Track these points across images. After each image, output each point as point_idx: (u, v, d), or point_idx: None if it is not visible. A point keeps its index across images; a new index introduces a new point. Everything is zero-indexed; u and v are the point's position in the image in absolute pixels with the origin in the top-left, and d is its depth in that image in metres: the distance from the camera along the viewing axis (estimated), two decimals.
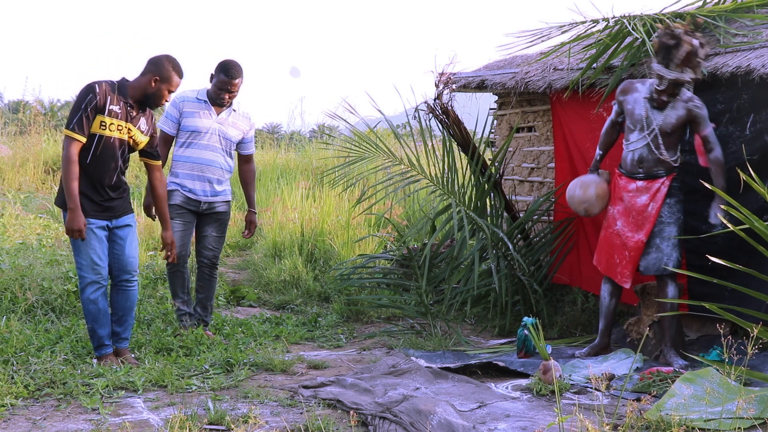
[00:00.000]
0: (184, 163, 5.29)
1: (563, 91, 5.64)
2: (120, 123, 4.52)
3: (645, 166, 4.86)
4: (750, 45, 4.75)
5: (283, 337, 5.50)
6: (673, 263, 4.78)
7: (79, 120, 4.40)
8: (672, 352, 4.79)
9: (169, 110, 5.28)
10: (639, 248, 4.86)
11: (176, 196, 5.26)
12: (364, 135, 6.47)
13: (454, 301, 5.93)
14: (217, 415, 3.63)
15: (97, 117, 4.44)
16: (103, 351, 4.61)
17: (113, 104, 4.48)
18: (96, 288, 4.56)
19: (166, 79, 4.57)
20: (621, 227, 4.95)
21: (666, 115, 4.76)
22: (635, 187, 4.89)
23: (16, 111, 16.46)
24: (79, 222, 4.41)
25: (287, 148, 14.74)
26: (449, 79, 5.94)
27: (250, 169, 5.60)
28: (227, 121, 5.35)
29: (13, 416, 3.69)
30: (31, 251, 6.90)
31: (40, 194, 10.87)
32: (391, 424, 3.54)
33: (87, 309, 4.59)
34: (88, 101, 4.42)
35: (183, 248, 5.33)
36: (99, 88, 4.45)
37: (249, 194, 5.62)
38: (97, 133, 4.46)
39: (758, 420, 3.49)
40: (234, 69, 5.22)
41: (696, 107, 4.72)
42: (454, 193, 5.96)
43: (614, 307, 5.09)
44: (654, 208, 4.81)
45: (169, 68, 4.58)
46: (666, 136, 4.79)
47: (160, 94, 4.59)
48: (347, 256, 7.28)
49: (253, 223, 5.63)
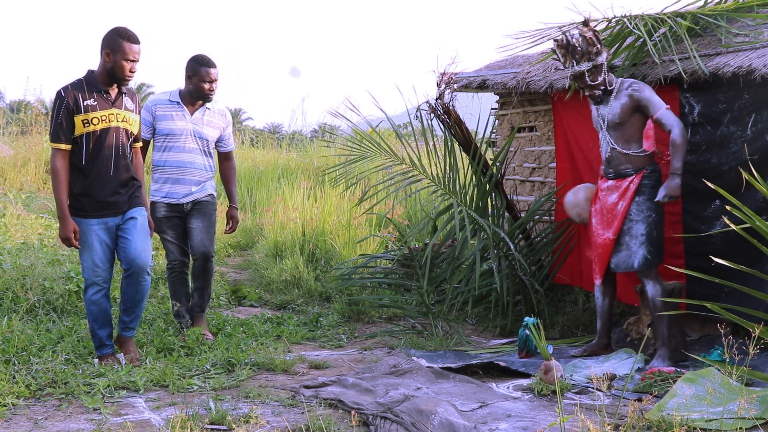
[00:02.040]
0: (163, 167, 5.28)
1: (564, 91, 5.64)
2: (103, 113, 4.49)
3: (613, 164, 4.93)
4: (751, 45, 4.75)
5: (284, 337, 5.50)
6: (638, 261, 4.80)
7: (56, 129, 4.43)
8: (661, 352, 4.75)
9: (142, 115, 5.19)
10: (606, 245, 4.92)
11: (159, 209, 5.27)
12: (365, 134, 6.47)
13: (456, 301, 5.93)
14: (218, 414, 3.63)
15: (76, 118, 4.44)
16: (104, 351, 4.63)
17: (86, 99, 4.46)
18: (97, 290, 4.59)
19: (117, 49, 4.47)
20: (595, 225, 5.05)
21: (611, 107, 4.89)
22: (607, 186, 4.98)
23: (17, 111, 16.47)
24: (68, 230, 4.44)
25: (288, 148, 14.76)
26: (451, 78, 5.94)
27: (231, 166, 5.60)
28: (202, 120, 5.33)
29: (14, 416, 3.69)
30: (32, 251, 6.91)
31: (41, 194, 10.88)
32: (392, 424, 3.54)
33: (88, 309, 4.62)
34: (58, 108, 4.43)
35: (182, 254, 5.36)
36: (65, 92, 4.45)
37: (230, 191, 5.62)
38: (84, 133, 4.46)
39: (760, 420, 3.49)
40: (210, 59, 5.30)
41: (635, 91, 4.81)
42: (455, 193, 5.96)
43: (608, 306, 5.09)
44: (622, 206, 4.86)
45: (116, 38, 4.49)
46: (618, 127, 4.87)
47: (119, 66, 4.48)
48: (348, 256, 7.28)
49: (234, 218, 5.60)
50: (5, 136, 14.13)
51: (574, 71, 4.87)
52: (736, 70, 4.61)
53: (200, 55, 5.32)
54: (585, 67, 4.83)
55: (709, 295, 4.79)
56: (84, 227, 4.52)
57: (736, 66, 4.63)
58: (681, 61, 4.93)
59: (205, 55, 5.34)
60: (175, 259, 5.36)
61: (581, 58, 4.84)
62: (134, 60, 4.53)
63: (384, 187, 6.46)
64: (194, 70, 5.25)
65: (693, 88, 4.94)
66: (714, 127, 4.89)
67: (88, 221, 4.52)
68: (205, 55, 5.34)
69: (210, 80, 5.26)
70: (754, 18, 5.04)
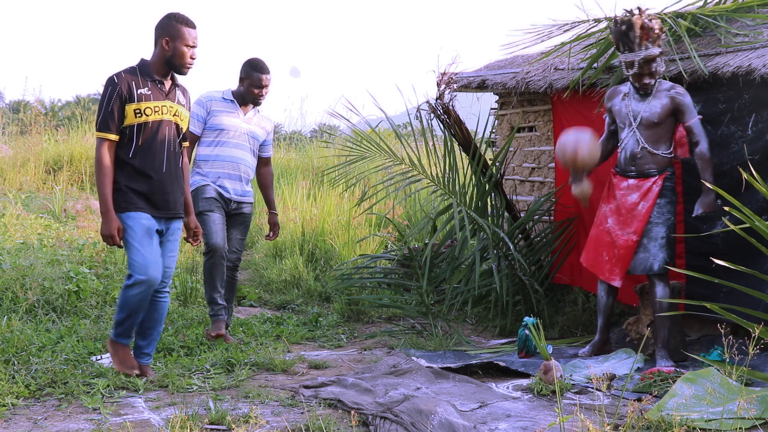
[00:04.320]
0: (214, 161, 5.20)
1: (564, 91, 5.64)
2: (156, 104, 4.20)
3: (637, 163, 4.86)
4: (751, 45, 4.75)
5: (284, 337, 5.50)
6: (658, 264, 4.78)
7: (105, 117, 4.11)
8: (662, 353, 4.76)
9: (194, 109, 5.12)
10: (629, 247, 4.85)
11: (209, 190, 5.16)
12: (365, 134, 6.48)
13: (455, 301, 5.93)
14: (218, 414, 3.63)
15: (128, 107, 4.13)
16: (123, 340, 4.28)
17: (140, 88, 4.16)
18: (144, 289, 4.17)
19: (177, 35, 4.19)
20: (611, 225, 4.95)
21: (649, 105, 4.79)
22: (627, 185, 4.90)
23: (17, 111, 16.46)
24: (112, 227, 4.11)
25: (288, 148, 14.75)
26: (451, 79, 5.94)
27: (270, 171, 5.56)
28: (253, 120, 5.34)
29: (14, 416, 3.69)
30: (32, 251, 6.90)
31: (41, 194, 10.87)
32: (392, 424, 3.54)
33: (126, 303, 4.19)
34: (110, 95, 4.12)
35: (224, 240, 5.13)
36: (118, 78, 4.15)
37: (269, 197, 5.58)
38: (135, 123, 4.15)
39: (759, 420, 3.49)
40: (264, 64, 5.27)
41: (679, 94, 4.74)
42: (455, 193, 5.96)
43: (611, 304, 5.09)
44: (645, 207, 4.81)
45: (174, 24, 4.21)
46: (652, 127, 4.80)
47: (179, 54, 4.20)
48: (348, 256, 7.28)
49: (276, 224, 5.58)
50: (5, 136, 14.11)
51: (648, 55, 4.67)
52: (736, 70, 4.61)
53: (255, 59, 5.27)
54: (655, 52, 4.66)
55: (709, 294, 4.79)
56: (133, 222, 4.16)
57: (736, 66, 4.63)
58: (681, 60, 4.94)
59: (260, 59, 5.27)
60: (217, 243, 5.08)
61: (654, 42, 4.67)
62: (194, 46, 4.25)
63: (384, 187, 6.46)
64: (247, 74, 5.23)
65: (693, 88, 4.94)
66: (714, 127, 4.90)
67: (138, 215, 4.17)
68: (260, 59, 5.27)
69: (262, 85, 5.22)
70: (753, 18, 5.05)
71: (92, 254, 6.84)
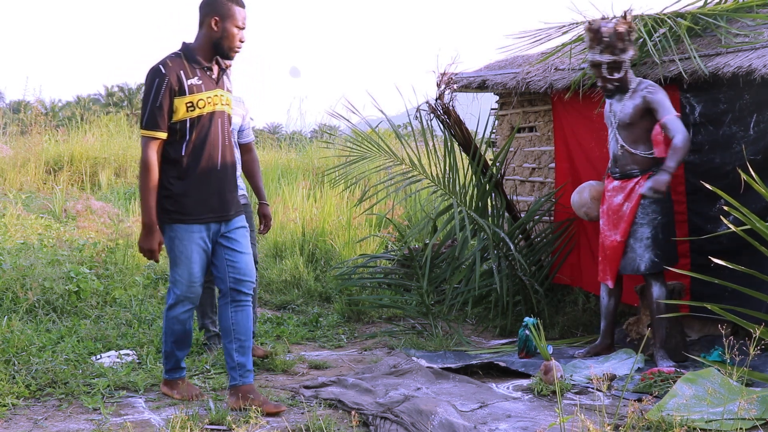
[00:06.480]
0: None
1: (564, 92, 5.64)
2: (209, 95, 3.75)
3: (619, 164, 4.91)
4: (751, 45, 4.75)
5: (284, 337, 5.50)
6: (645, 264, 4.79)
7: (153, 113, 3.64)
8: (661, 353, 4.76)
9: None
10: (615, 248, 4.90)
11: None
12: (365, 134, 6.47)
13: (456, 302, 5.93)
14: (218, 415, 3.63)
15: (178, 101, 3.67)
16: (177, 375, 4.02)
17: (190, 78, 3.70)
18: (188, 308, 3.89)
19: (227, 15, 3.71)
20: (602, 226, 5.03)
21: (623, 105, 4.84)
22: (613, 187, 4.96)
23: (17, 111, 16.47)
24: (153, 241, 3.72)
25: (288, 148, 14.75)
26: (451, 79, 5.94)
27: (254, 158, 4.96)
28: None
29: (14, 416, 3.69)
30: (32, 251, 6.90)
31: (41, 194, 10.87)
32: (392, 425, 3.54)
33: (171, 328, 3.91)
34: (158, 87, 3.64)
35: None
36: (166, 68, 3.67)
37: (258, 185, 4.99)
38: (186, 118, 3.70)
39: (760, 420, 3.49)
40: None
41: (650, 93, 4.77)
42: (455, 193, 5.96)
43: (614, 307, 5.09)
44: (629, 208, 4.84)
45: (224, 2, 3.72)
46: (627, 127, 4.84)
47: (229, 35, 3.73)
48: (348, 256, 7.28)
49: (267, 216, 5.00)
50: (5, 136, 14.12)
51: (594, 59, 4.83)
52: (736, 71, 4.61)
53: None
54: (604, 59, 4.78)
55: (713, 294, 4.79)
56: (183, 234, 3.76)
57: (736, 66, 4.63)
58: (681, 61, 4.94)
59: None
60: None
61: (605, 49, 4.77)
62: (244, 27, 3.78)
63: (384, 187, 6.46)
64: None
65: (693, 88, 4.94)
66: (716, 128, 4.89)
67: (189, 227, 3.75)
68: None
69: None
70: (754, 18, 5.04)
71: (92, 254, 6.84)
